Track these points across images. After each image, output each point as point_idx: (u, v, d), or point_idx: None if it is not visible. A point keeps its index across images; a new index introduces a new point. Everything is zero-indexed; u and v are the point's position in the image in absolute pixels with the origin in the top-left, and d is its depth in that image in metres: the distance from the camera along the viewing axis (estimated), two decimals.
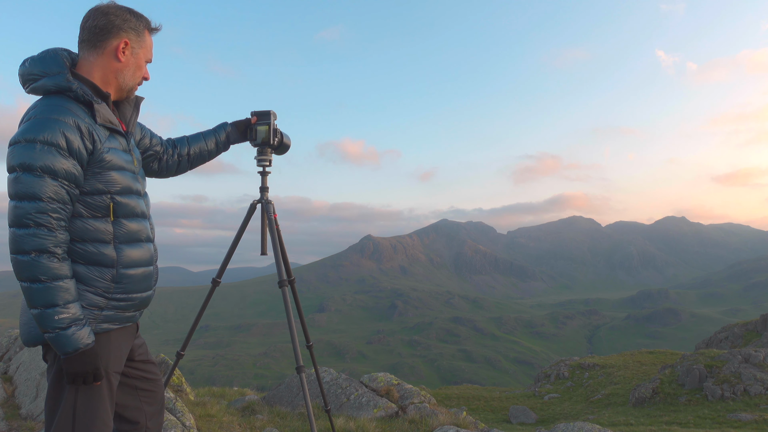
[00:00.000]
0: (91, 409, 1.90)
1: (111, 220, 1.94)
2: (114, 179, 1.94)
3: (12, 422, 4.44)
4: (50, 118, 1.80)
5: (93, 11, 1.98)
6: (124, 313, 2.01)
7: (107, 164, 1.92)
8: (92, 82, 1.98)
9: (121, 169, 1.97)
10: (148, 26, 2.08)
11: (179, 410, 4.29)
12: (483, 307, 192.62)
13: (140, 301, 2.07)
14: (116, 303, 1.97)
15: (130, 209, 2.00)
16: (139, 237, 2.04)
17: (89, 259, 1.91)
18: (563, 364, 24.75)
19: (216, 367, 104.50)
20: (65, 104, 1.85)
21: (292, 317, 2.98)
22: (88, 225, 1.90)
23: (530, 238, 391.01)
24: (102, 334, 1.96)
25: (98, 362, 1.87)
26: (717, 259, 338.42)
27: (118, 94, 2.08)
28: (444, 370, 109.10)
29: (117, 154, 1.97)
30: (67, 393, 1.89)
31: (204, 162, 2.60)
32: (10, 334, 6.49)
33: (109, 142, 1.96)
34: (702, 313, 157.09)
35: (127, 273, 1.98)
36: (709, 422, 13.68)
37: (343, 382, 6.12)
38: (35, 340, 1.92)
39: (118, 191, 1.95)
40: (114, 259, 1.95)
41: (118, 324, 2.01)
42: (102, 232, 1.92)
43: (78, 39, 2.01)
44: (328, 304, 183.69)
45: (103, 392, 1.93)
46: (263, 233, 3.18)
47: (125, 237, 1.98)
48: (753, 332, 25.58)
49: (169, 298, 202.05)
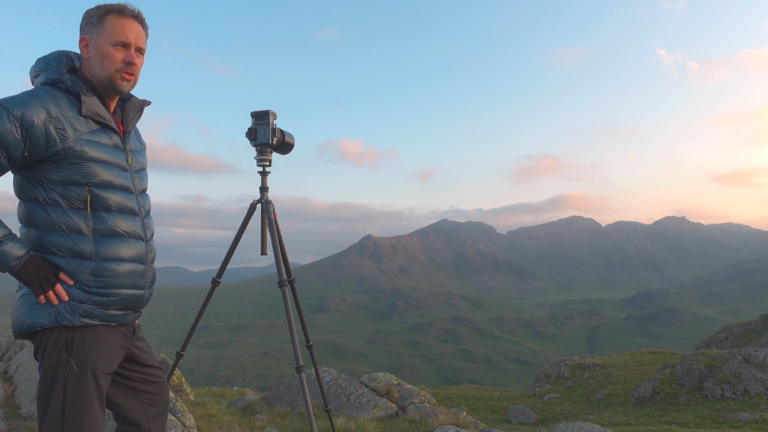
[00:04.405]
0: (80, 409, 1.90)
1: (89, 213, 1.95)
2: (93, 171, 1.95)
3: (12, 422, 4.44)
4: (28, 94, 1.89)
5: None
6: (106, 309, 1.99)
7: (84, 155, 1.93)
8: (89, 79, 2.05)
9: (103, 163, 1.98)
10: (108, 11, 2.01)
11: (179, 410, 4.29)
12: (483, 307, 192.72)
13: (124, 298, 2.03)
14: (96, 298, 1.96)
15: (112, 203, 2.00)
16: (123, 232, 2.03)
17: (67, 249, 1.93)
18: (563, 364, 24.74)
19: (216, 367, 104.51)
20: (50, 90, 1.93)
21: (292, 317, 2.98)
22: (65, 216, 1.92)
23: (530, 238, 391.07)
24: (87, 329, 1.95)
25: (45, 265, 1.91)
26: (717, 259, 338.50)
27: (104, 89, 2.06)
28: (444, 370, 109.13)
29: (100, 148, 1.98)
30: (56, 394, 1.89)
31: None
32: (10, 334, 6.50)
33: (93, 135, 1.97)
34: (702, 313, 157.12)
35: (107, 267, 1.97)
36: (709, 422, 13.68)
37: (343, 382, 6.12)
38: (19, 329, 1.95)
39: (97, 184, 1.96)
40: (93, 252, 1.95)
41: (99, 321, 1.98)
42: (79, 224, 1.94)
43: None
44: (328, 304, 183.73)
45: (90, 393, 1.93)
46: (263, 233, 3.18)
47: (105, 231, 1.98)
48: (753, 332, 25.59)
49: (169, 298, 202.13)
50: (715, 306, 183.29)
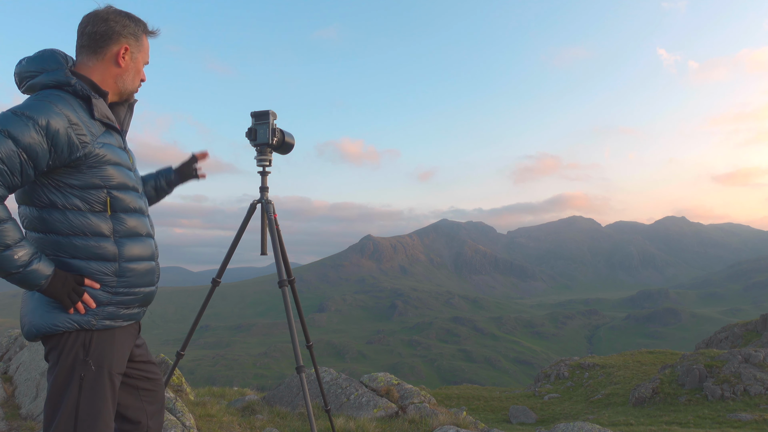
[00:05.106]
0: (94, 409, 1.90)
1: (109, 215, 1.96)
2: (110, 174, 1.96)
3: (12, 422, 4.44)
4: (45, 101, 1.84)
5: (92, 17, 2.00)
6: (127, 309, 2.03)
7: (102, 159, 1.94)
8: (91, 80, 2.01)
9: (117, 165, 1.99)
10: (146, 30, 2.11)
11: (179, 410, 4.28)
12: (483, 307, 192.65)
13: (144, 296, 2.09)
14: (120, 298, 1.99)
15: (128, 204, 2.02)
16: (140, 232, 2.07)
17: (89, 253, 1.93)
18: (563, 364, 24.74)
19: (216, 367, 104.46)
20: (61, 95, 1.89)
21: (292, 317, 2.99)
22: (86, 219, 1.92)
23: (530, 238, 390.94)
24: (105, 331, 1.97)
25: (69, 277, 1.89)
26: (717, 259, 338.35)
27: (117, 97, 2.12)
28: (444, 370, 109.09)
29: (112, 150, 1.99)
30: (70, 393, 1.89)
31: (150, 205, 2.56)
32: (10, 334, 6.49)
33: (104, 138, 1.98)
34: (702, 313, 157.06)
35: (129, 267, 2.01)
36: (709, 422, 13.68)
37: (343, 382, 6.12)
38: (36, 332, 1.92)
39: (115, 186, 1.97)
40: (116, 254, 1.98)
41: (121, 321, 2.02)
42: (101, 227, 1.94)
43: (76, 44, 2.04)
44: (328, 304, 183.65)
45: (106, 393, 1.94)
46: (263, 233, 3.18)
47: (125, 232, 2.01)
48: (753, 332, 25.58)
49: (169, 298, 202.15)
50: (715, 306, 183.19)
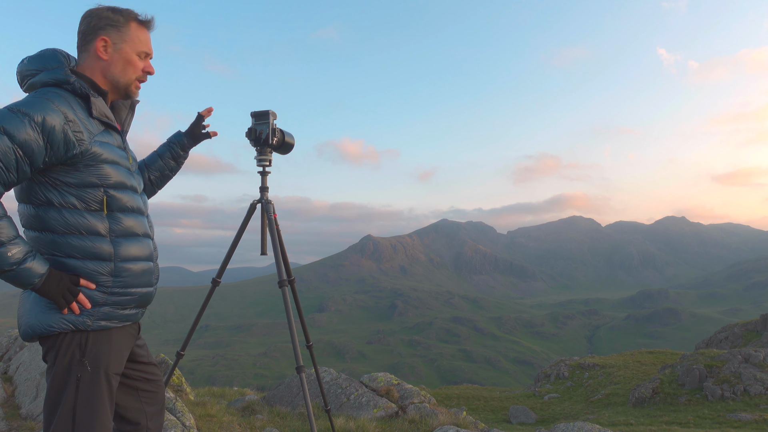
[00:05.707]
0: (91, 409, 1.90)
1: (105, 214, 1.96)
2: (107, 173, 1.95)
3: (12, 422, 4.44)
4: (42, 98, 1.84)
5: (82, 17, 2.04)
6: (123, 309, 2.02)
7: (99, 157, 1.93)
8: (91, 80, 2.02)
9: (114, 164, 1.99)
10: (133, 18, 2.05)
11: (179, 410, 4.28)
12: (483, 307, 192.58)
13: (140, 296, 2.07)
14: (115, 298, 1.98)
15: (125, 204, 2.01)
16: (136, 232, 2.06)
17: (85, 252, 1.92)
18: (563, 364, 24.73)
19: (216, 367, 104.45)
20: (59, 92, 1.89)
21: (292, 317, 2.98)
22: (82, 218, 1.91)
23: (530, 238, 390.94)
24: (101, 332, 1.96)
25: (65, 277, 1.88)
26: (717, 259, 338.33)
27: (115, 93, 2.10)
28: (444, 370, 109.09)
29: (110, 149, 1.99)
30: (67, 394, 1.89)
31: (167, 181, 2.55)
32: (10, 334, 6.49)
33: (103, 136, 1.97)
34: (702, 313, 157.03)
35: (125, 267, 2.00)
36: (709, 422, 13.67)
37: (343, 382, 6.12)
38: (32, 333, 1.91)
39: (112, 185, 1.96)
40: (111, 253, 1.96)
41: (117, 322, 2.00)
42: (97, 226, 1.94)
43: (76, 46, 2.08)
44: (328, 304, 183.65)
45: (102, 393, 1.94)
46: (263, 233, 3.18)
47: (122, 231, 2.00)
48: (753, 332, 25.57)
49: (169, 298, 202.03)
50: (715, 306, 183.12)
